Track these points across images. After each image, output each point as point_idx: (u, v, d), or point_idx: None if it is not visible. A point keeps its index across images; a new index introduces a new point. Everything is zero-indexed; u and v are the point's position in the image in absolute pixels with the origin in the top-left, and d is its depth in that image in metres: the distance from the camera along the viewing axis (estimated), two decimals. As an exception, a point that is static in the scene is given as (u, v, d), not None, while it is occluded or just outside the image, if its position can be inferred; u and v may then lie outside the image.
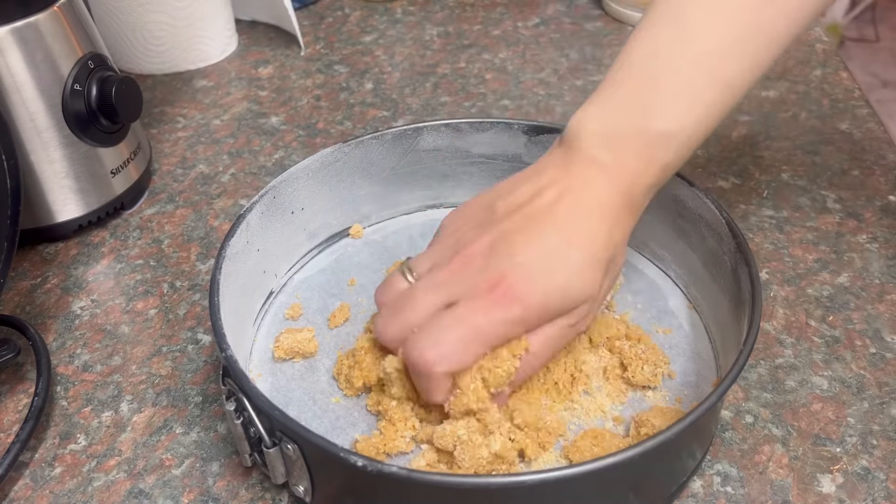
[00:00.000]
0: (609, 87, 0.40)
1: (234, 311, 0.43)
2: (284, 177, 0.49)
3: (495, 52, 0.79)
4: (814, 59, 0.77)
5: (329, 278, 0.52)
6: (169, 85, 0.76)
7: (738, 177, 0.61)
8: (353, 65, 0.78)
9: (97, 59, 0.55)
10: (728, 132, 0.66)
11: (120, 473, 0.41)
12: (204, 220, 0.59)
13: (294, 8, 0.83)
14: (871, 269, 0.53)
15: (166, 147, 0.67)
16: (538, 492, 0.33)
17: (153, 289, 0.53)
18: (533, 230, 0.38)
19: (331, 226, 0.54)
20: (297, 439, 0.35)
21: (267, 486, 0.41)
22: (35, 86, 0.51)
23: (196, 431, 0.44)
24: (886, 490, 0.39)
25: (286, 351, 0.45)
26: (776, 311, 0.50)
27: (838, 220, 0.57)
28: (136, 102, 0.58)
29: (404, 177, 0.55)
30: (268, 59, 0.80)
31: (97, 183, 0.57)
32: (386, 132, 0.53)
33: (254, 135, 0.68)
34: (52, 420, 0.44)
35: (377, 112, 0.71)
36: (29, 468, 0.42)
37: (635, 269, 0.52)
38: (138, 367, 0.48)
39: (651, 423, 0.39)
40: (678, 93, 0.38)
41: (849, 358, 0.47)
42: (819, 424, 0.43)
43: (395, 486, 0.34)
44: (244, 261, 0.46)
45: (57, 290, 0.53)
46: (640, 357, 0.43)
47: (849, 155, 0.63)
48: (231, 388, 0.38)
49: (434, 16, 0.87)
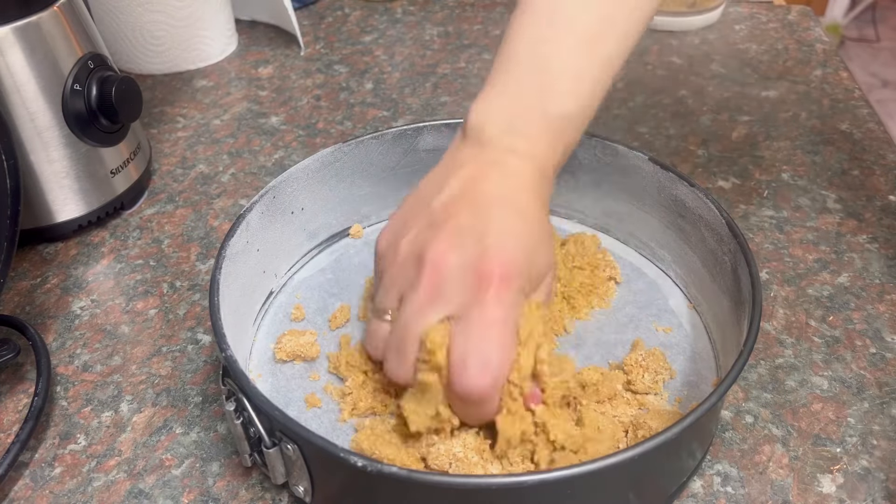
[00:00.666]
0: (501, 78, 0.41)
1: (234, 311, 0.43)
2: (284, 177, 0.49)
3: (495, 52, 0.79)
4: (814, 59, 0.77)
5: (329, 278, 0.52)
6: (169, 85, 0.76)
7: (738, 177, 0.61)
8: (353, 65, 0.78)
9: (97, 59, 0.55)
10: (728, 132, 0.66)
11: (120, 473, 0.41)
12: (204, 220, 0.59)
13: (294, 8, 0.83)
14: (871, 269, 0.53)
15: (166, 147, 0.67)
16: (538, 492, 0.33)
17: (153, 289, 0.53)
18: (485, 212, 0.38)
19: (331, 226, 0.54)
20: (297, 439, 0.35)
21: (267, 486, 0.41)
22: (35, 86, 0.51)
23: (196, 431, 0.44)
24: (886, 490, 0.39)
25: (288, 353, 0.45)
26: (776, 311, 0.50)
27: (838, 220, 0.57)
28: (136, 102, 0.58)
29: (404, 177, 0.55)
30: (268, 59, 0.80)
31: (97, 183, 0.57)
32: (386, 132, 0.53)
33: (254, 135, 0.68)
34: (52, 420, 0.44)
35: (377, 112, 0.71)
36: (29, 468, 0.42)
37: (635, 269, 0.52)
38: (138, 367, 0.48)
39: (648, 425, 0.39)
40: (568, 76, 0.40)
41: (849, 358, 0.47)
42: (819, 424, 0.43)
43: (395, 486, 0.34)
44: (244, 261, 0.46)
45: (57, 290, 0.53)
46: (639, 364, 0.43)
47: (849, 155, 0.63)
48: (231, 388, 0.38)
49: (434, 16, 0.87)
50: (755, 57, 0.77)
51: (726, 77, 0.74)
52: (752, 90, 0.72)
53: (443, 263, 0.36)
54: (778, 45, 0.79)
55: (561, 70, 0.40)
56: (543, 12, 0.41)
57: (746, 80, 0.73)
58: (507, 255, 0.36)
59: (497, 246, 0.36)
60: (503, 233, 0.37)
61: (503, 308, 0.36)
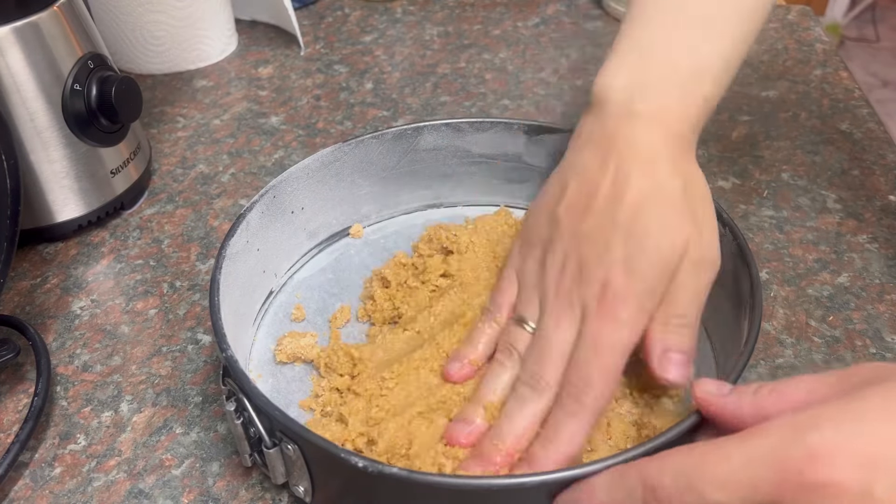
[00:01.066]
0: (625, 43, 0.39)
1: (234, 311, 0.43)
2: (284, 176, 0.49)
3: (495, 51, 0.79)
4: (814, 59, 0.77)
5: (329, 278, 0.52)
6: (169, 85, 0.76)
7: (738, 177, 0.61)
8: (353, 65, 0.78)
9: (97, 59, 0.55)
10: (728, 132, 0.66)
11: (120, 473, 0.41)
12: (204, 220, 0.59)
13: (294, 8, 0.83)
14: (871, 269, 0.53)
15: (166, 147, 0.67)
16: (538, 492, 0.33)
17: (153, 289, 0.53)
18: (604, 220, 0.37)
19: (331, 225, 0.54)
20: (297, 440, 0.35)
21: (267, 486, 0.41)
22: (35, 86, 0.51)
23: (196, 431, 0.44)
24: (886, 490, 0.39)
25: (288, 355, 0.45)
26: (776, 311, 0.50)
27: (838, 220, 0.57)
28: (136, 102, 0.57)
29: (404, 176, 0.55)
30: (268, 58, 0.80)
31: (97, 183, 0.56)
32: (386, 132, 0.53)
33: (254, 135, 0.68)
34: (52, 420, 0.44)
35: (377, 112, 0.71)
36: (29, 468, 0.42)
37: (635, 269, 0.52)
38: (138, 367, 0.48)
39: (652, 424, 0.39)
40: (699, 25, 0.37)
41: (849, 358, 0.47)
42: (819, 424, 0.43)
43: (395, 486, 0.34)
44: (244, 261, 0.46)
45: (57, 290, 0.53)
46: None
47: (849, 155, 0.63)
48: (231, 388, 0.38)
49: (434, 16, 0.87)
50: (755, 57, 0.77)
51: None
52: (752, 90, 0.72)
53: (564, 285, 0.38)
54: (778, 45, 0.79)
55: (692, 25, 0.37)
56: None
57: (746, 80, 0.73)
58: (622, 279, 0.36)
59: (617, 265, 0.36)
60: (622, 243, 0.36)
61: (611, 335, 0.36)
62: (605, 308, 0.36)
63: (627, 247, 0.36)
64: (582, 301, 0.37)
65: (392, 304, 0.47)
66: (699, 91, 0.37)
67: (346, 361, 0.43)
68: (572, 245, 0.38)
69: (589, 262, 0.37)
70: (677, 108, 0.37)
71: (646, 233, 0.36)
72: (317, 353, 0.45)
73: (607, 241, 0.37)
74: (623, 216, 0.36)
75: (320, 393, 0.43)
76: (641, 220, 0.36)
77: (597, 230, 0.37)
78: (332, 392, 0.43)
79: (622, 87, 0.38)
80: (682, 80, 0.37)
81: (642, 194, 0.36)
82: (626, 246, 0.36)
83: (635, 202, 0.36)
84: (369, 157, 0.53)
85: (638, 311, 0.36)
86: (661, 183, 0.37)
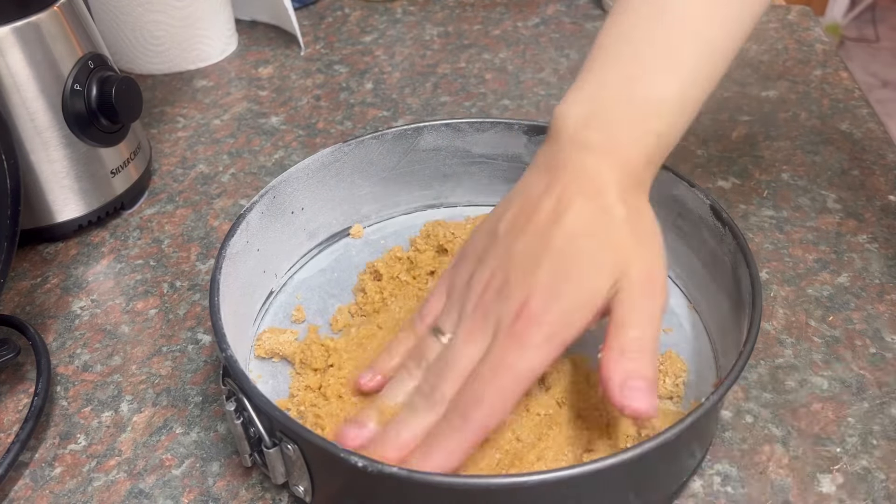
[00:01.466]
0: (587, 73, 0.39)
1: (234, 311, 0.43)
2: (284, 177, 0.49)
3: (495, 52, 0.79)
4: (814, 59, 0.77)
5: (329, 278, 0.52)
6: (169, 85, 0.76)
7: (738, 177, 0.61)
8: (353, 65, 0.78)
9: (97, 59, 0.55)
10: (728, 132, 0.66)
11: (120, 473, 0.41)
12: (204, 220, 0.59)
13: (294, 8, 0.83)
14: (871, 269, 0.53)
15: (166, 147, 0.67)
16: (538, 492, 0.33)
17: (153, 289, 0.53)
18: (537, 241, 0.36)
19: (331, 226, 0.54)
20: (297, 439, 0.35)
21: (267, 486, 0.41)
22: (35, 86, 0.51)
23: (196, 431, 0.44)
24: (886, 490, 0.39)
25: (266, 351, 0.45)
26: (776, 311, 0.50)
27: (838, 220, 0.57)
28: (136, 102, 0.58)
29: (404, 177, 0.55)
30: (268, 59, 0.80)
31: (97, 183, 0.57)
32: (386, 132, 0.53)
33: (254, 135, 0.68)
34: (52, 420, 0.44)
35: (377, 112, 0.71)
36: (29, 468, 0.42)
37: (635, 269, 0.52)
38: (138, 367, 0.48)
39: (651, 423, 0.39)
40: (659, 58, 0.37)
41: (849, 358, 0.47)
42: (819, 424, 0.43)
43: (395, 486, 0.34)
44: (244, 261, 0.46)
45: (57, 290, 0.53)
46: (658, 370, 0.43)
47: (849, 155, 0.63)
48: (231, 388, 0.38)
49: (434, 16, 0.87)
50: (755, 57, 0.77)
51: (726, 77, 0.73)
52: (752, 90, 0.72)
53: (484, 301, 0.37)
54: (778, 45, 0.79)
55: (653, 55, 0.37)
56: (640, 5, 0.38)
57: (746, 80, 0.73)
58: (540, 302, 0.35)
59: (539, 287, 0.35)
60: (549, 267, 0.36)
61: (517, 357, 0.35)
62: (516, 329, 0.35)
63: (554, 272, 0.35)
64: (497, 318, 0.36)
65: (381, 296, 0.48)
66: (652, 127, 0.37)
67: (321, 355, 0.44)
68: (502, 262, 0.37)
69: (513, 281, 0.36)
70: (628, 143, 0.37)
71: (575, 261, 0.36)
72: (293, 349, 0.45)
73: (536, 263, 0.36)
74: (557, 241, 0.36)
75: (296, 392, 0.43)
76: (573, 248, 0.36)
77: (529, 250, 0.36)
78: (306, 391, 0.43)
79: (577, 116, 0.37)
80: (634, 114, 0.37)
81: (581, 222, 0.36)
82: (553, 271, 0.35)
83: (571, 229, 0.36)
84: (369, 157, 0.53)
85: (548, 339, 0.35)
86: (604, 213, 0.36)
